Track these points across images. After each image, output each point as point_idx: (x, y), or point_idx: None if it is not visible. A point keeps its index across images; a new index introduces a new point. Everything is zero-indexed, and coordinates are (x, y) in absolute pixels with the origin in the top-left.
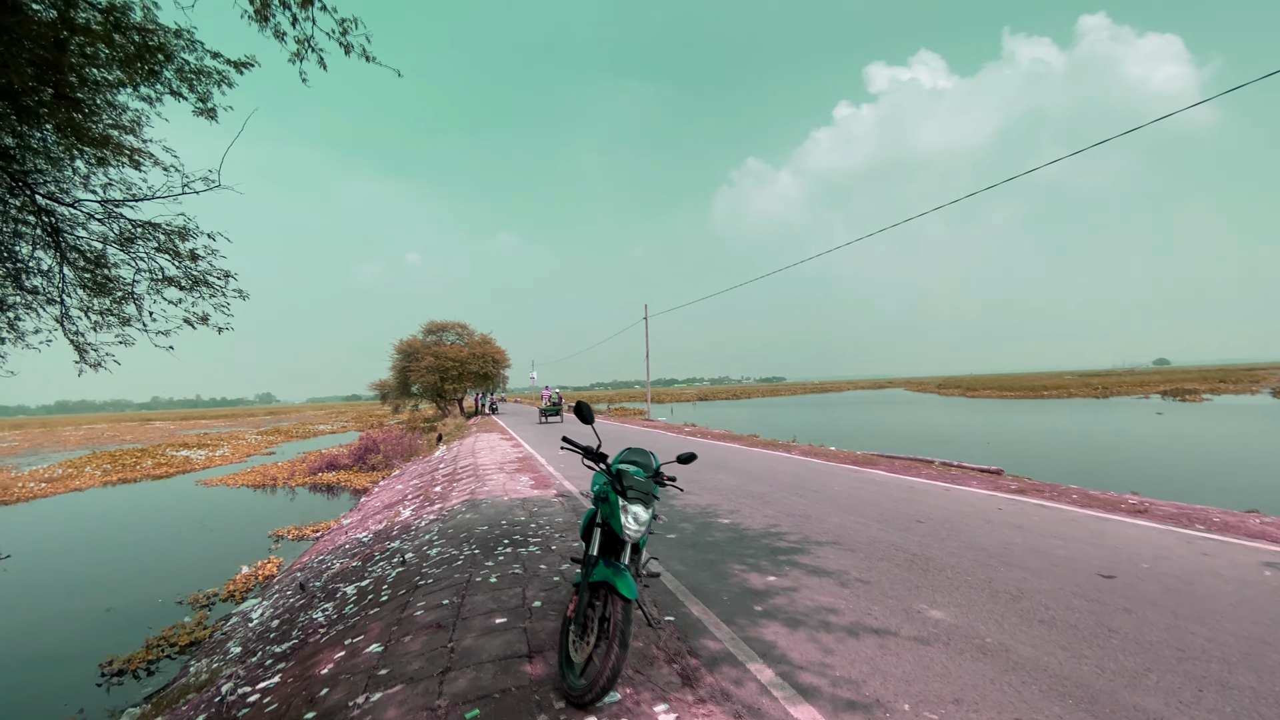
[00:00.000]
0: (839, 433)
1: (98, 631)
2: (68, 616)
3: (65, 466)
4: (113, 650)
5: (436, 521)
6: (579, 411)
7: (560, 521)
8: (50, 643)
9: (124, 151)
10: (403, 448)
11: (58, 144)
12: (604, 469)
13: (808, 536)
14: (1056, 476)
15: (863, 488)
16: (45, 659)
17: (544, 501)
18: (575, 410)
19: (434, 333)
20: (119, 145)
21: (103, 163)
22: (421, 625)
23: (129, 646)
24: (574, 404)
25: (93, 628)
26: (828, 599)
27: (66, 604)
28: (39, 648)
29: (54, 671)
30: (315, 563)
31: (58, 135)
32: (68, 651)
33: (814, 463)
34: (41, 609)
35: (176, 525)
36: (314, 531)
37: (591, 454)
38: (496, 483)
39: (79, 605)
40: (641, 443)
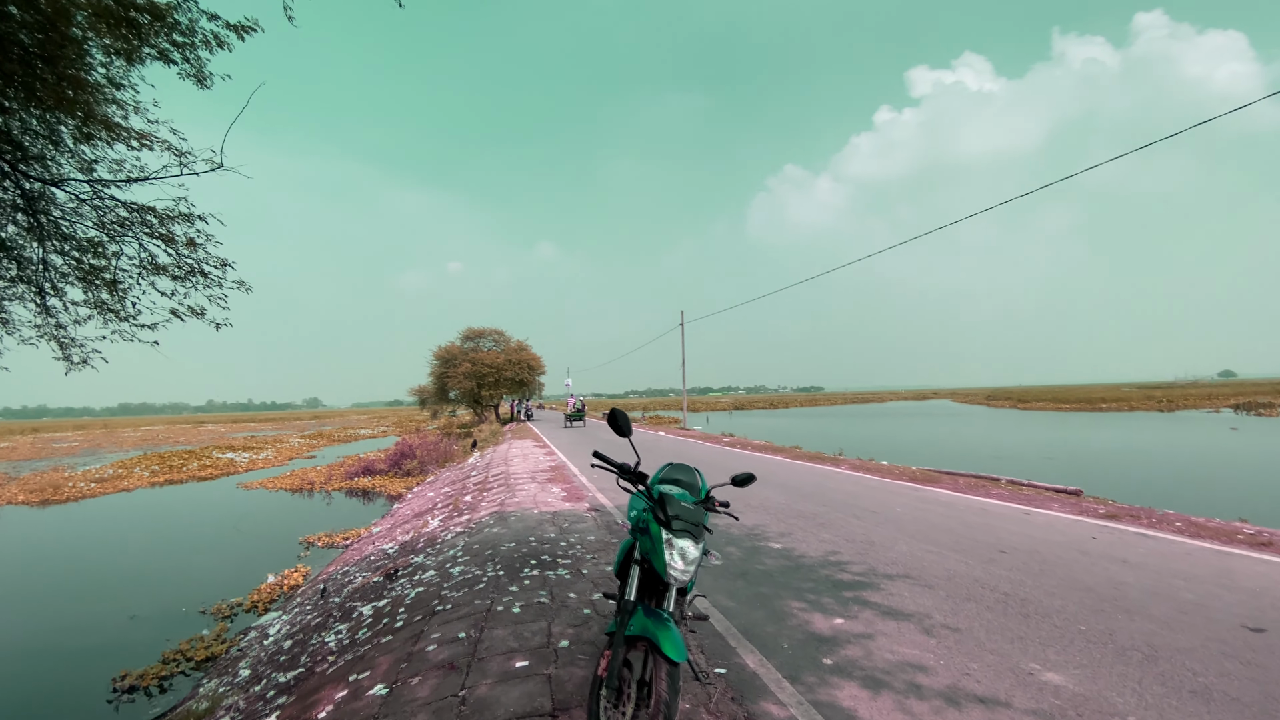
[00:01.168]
0: (888, 446)
1: (118, 640)
2: (92, 622)
3: (116, 467)
4: (129, 662)
5: (463, 535)
6: (613, 421)
7: (592, 540)
8: (70, 651)
9: (111, 126)
10: (438, 453)
11: (27, 106)
12: (643, 492)
13: (874, 568)
14: (1140, 499)
15: (928, 509)
16: (62, 668)
17: (575, 516)
18: (609, 420)
19: (471, 339)
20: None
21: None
22: (433, 664)
23: (146, 659)
24: (608, 412)
25: (114, 636)
26: (912, 651)
27: (93, 608)
28: (59, 656)
29: (67, 683)
30: (339, 574)
31: (24, 95)
32: (85, 661)
33: (868, 479)
34: (68, 614)
35: (212, 528)
36: (344, 539)
37: (628, 473)
38: (527, 494)
39: (105, 610)
40: (678, 455)
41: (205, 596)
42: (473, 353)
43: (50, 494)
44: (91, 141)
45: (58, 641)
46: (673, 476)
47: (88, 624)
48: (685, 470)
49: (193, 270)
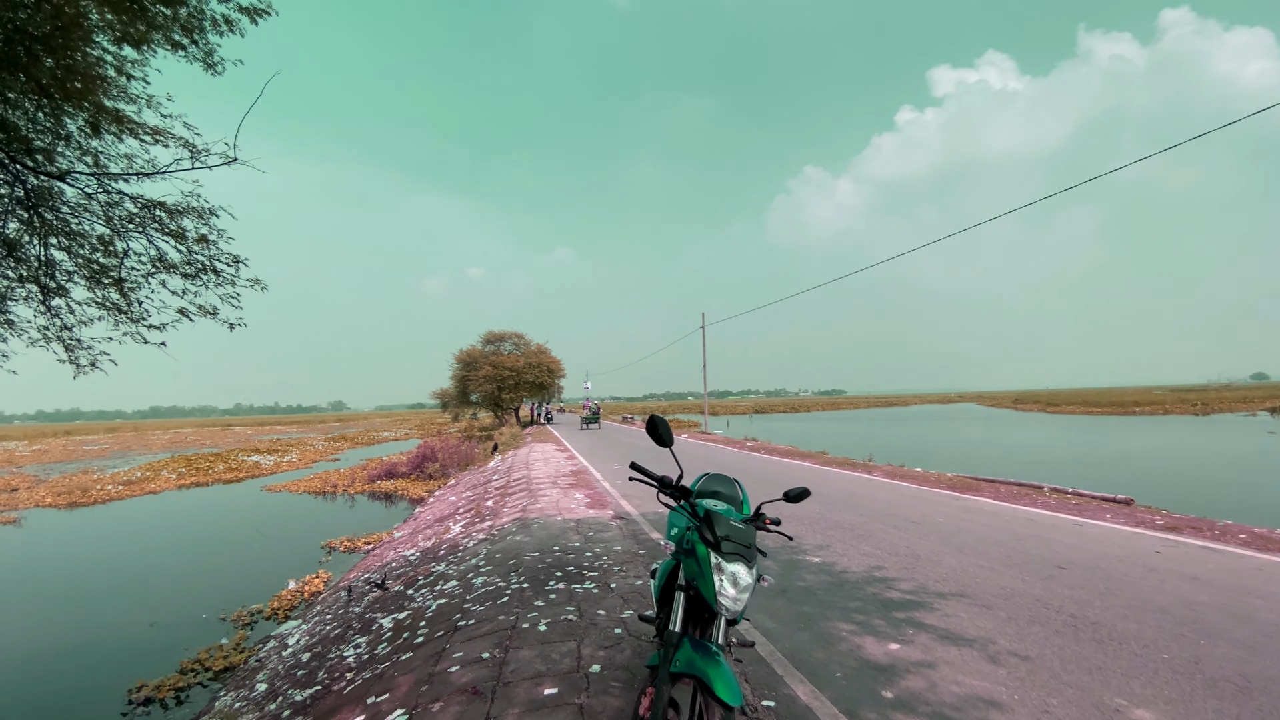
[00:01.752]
0: (917, 451)
1: (137, 648)
2: (112, 629)
3: (144, 469)
4: (147, 671)
5: (485, 542)
6: (653, 430)
7: (619, 551)
8: (89, 659)
9: (122, 120)
10: (459, 457)
11: (34, 98)
12: (688, 509)
13: (924, 585)
14: (1192, 508)
15: (972, 519)
16: (80, 676)
17: (600, 524)
18: (649, 428)
19: (492, 343)
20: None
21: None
22: (456, 687)
23: (164, 668)
24: (647, 419)
25: (133, 643)
26: (980, 683)
27: (114, 614)
28: (78, 663)
29: (84, 693)
30: (359, 581)
31: (31, 86)
32: (102, 670)
33: (903, 486)
34: (90, 620)
35: (236, 532)
36: (365, 544)
37: (670, 487)
38: (550, 499)
39: (126, 616)
40: (701, 460)
41: (226, 602)
42: (493, 356)
43: (78, 497)
44: (101, 135)
45: (77, 648)
46: (711, 489)
47: (108, 630)
48: (724, 481)
49: (204, 268)
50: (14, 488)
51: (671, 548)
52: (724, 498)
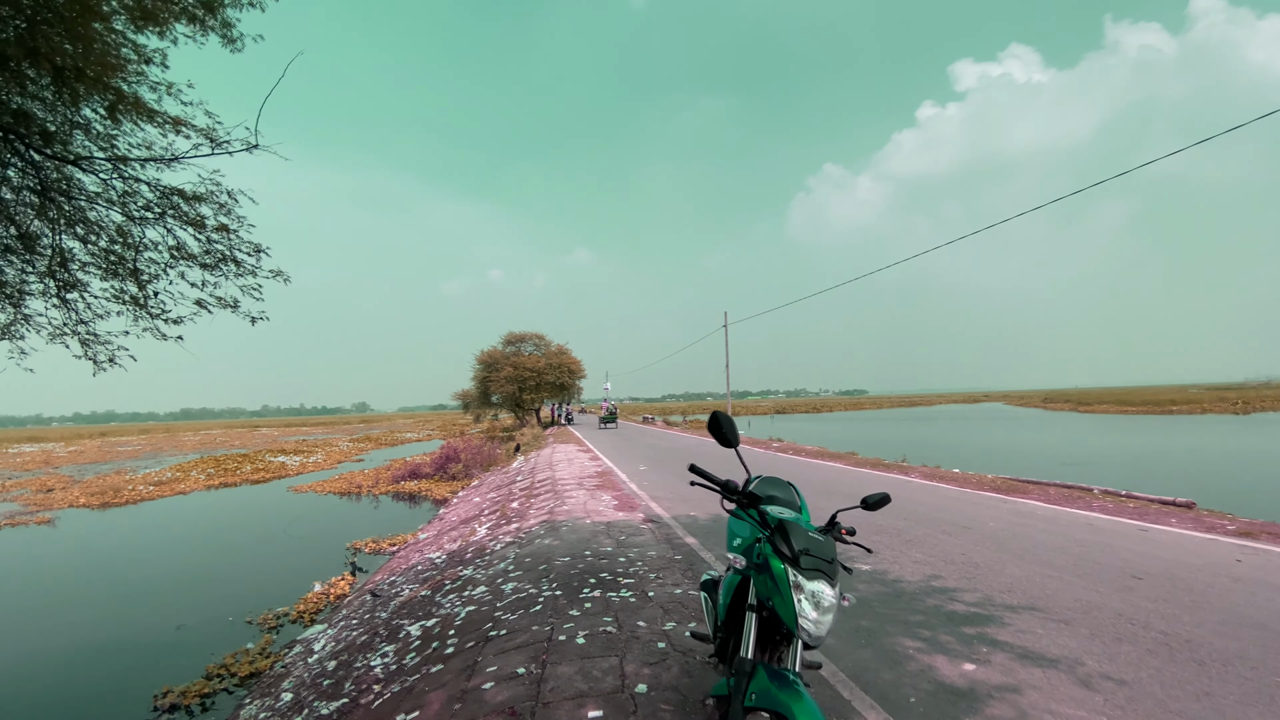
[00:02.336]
0: (950, 451)
1: (164, 652)
2: (140, 632)
3: (174, 470)
4: (173, 677)
5: (513, 545)
6: (716, 428)
7: (654, 557)
8: (116, 664)
9: (141, 107)
10: (482, 457)
11: (52, 85)
12: (756, 518)
13: (989, 596)
14: (1260, 512)
15: (1027, 524)
16: (107, 682)
17: (631, 528)
18: (712, 427)
19: (513, 344)
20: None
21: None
22: (491, 707)
23: (190, 673)
24: (710, 417)
25: (160, 647)
26: (1076, 712)
27: (142, 617)
28: (104, 668)
29: (110, 699)
30: (385, 584)
31: (48, 71)
32: (129, 675)
33: (945, 489)
34: (118, 624)
35: (262, 533)
36: (390, 545)
37: (736, 492)
38: (576, 501)
39: (153, 619)
40: (730, 462)
41: (252, 604)
42: (514, 357)
43: (110, 497)
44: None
45: (105, 651)
46: (765, 493)
47: (136, 633)
48: (779, 485)
49: (224, 257)
50: (50, 488)
51: (741, 562)
52: (780, 503)
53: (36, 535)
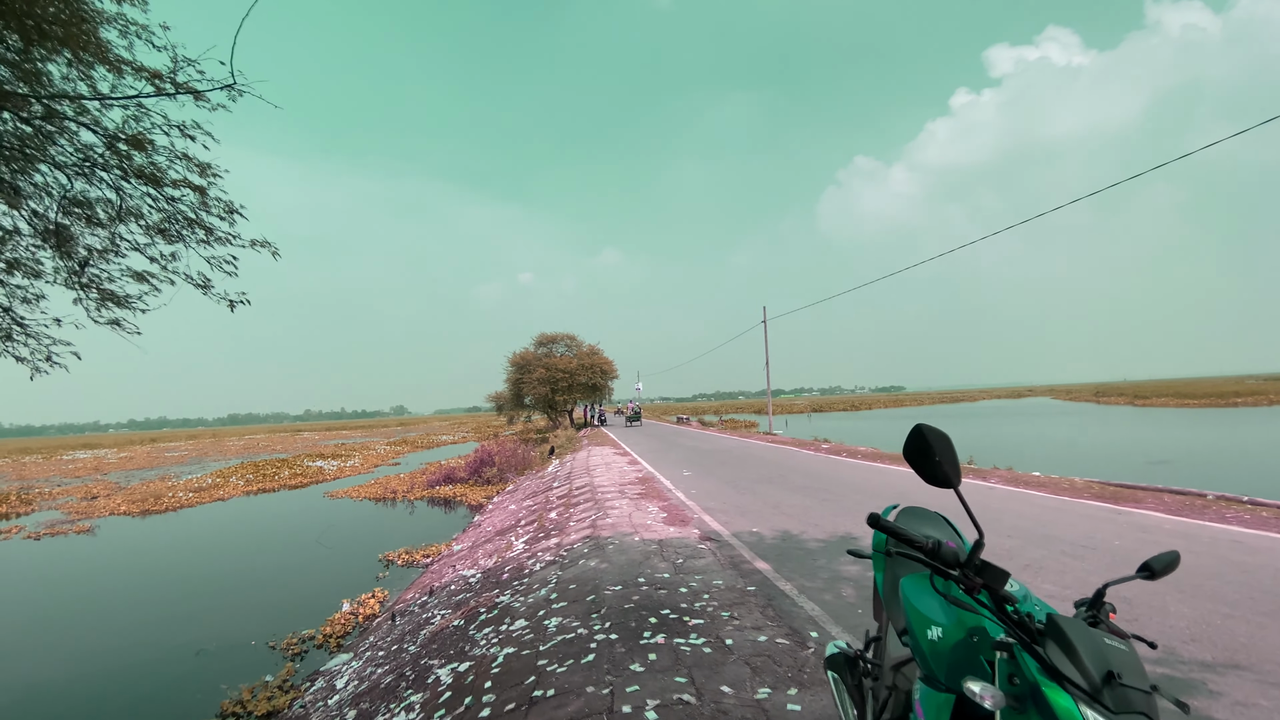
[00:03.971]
0: (1016, 451)
1: (180, 684)
2: (155, 659)
3: (215, 476)
4: (187, 713)
5: (554, 566)
6: (920, 454)
7: (721, 588)
8: (123, 701)
9: (96, 48)
10: (516, 460)
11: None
12: (990, 607)
13: (1170, 649)
14: None
15: (1161, 544)
16: (117, 718)
17: (688, 547)
18: (910, 452)
19: (544, 345)
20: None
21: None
22: None
23: (204, 708)
24: (912, 431)
25: (176, 678)
26: None
27: (161, 640)
28: (117, 703)
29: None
30: (416, 605)
31: None
32: (142, 711)
33: (1037, 497)
34: (135, 649)
35: (294, 542)
36: (424, 556)
37: (958, 565)
38: (620, 512)
39: (175, 641)
40: (776, 466)
41: (278, 626)
42: (546, 358)
43: (151, 504)
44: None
45: (115, 685)
46: (916, 530)
47: (152, 660)
48: (928, 520)
49: (192, 221)
50: (94, 495)
51: (993, 698)
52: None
53: (71, 546)
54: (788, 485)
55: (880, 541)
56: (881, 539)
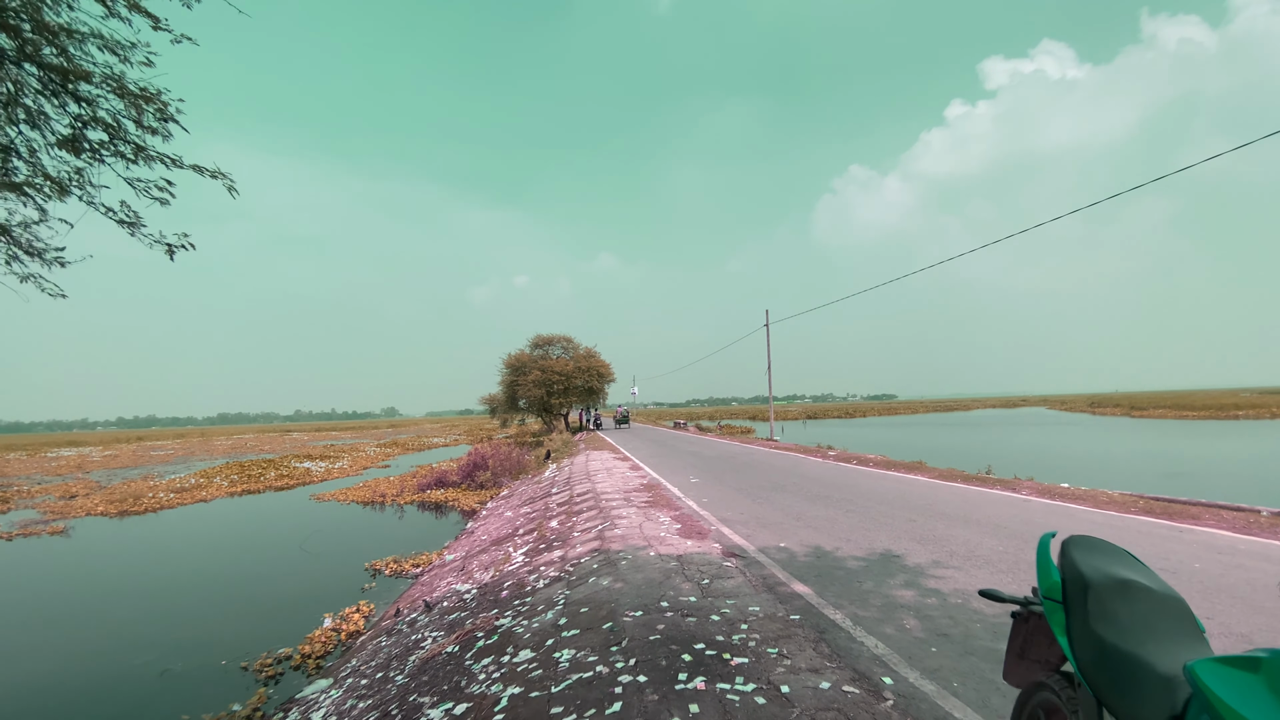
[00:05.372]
0: (1029, 461)
1: (136, 712)
2: (114, 681)
3: (199, 476)
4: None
5: (560, 584)
6: None
7: (759, 616)
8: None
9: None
10: (511, 464)
11: None
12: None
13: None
14: None
15: (1243, 567)
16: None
17: (712, 565)
18: None
19: (540, 346)
20: None
21: None
22: None
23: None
24: None
25: (136, 702)
26: None
27: (123, 658)
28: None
29: None
30: (404, 624)
31: None
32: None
33: (1081, 512)
34: (91, 666)
35: (276, 547)
36: (414, 565)
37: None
38: (630, 522)
39: (137, 659)
40: (788, 473)
41: (252, 643)
42: (542, 360)
43: (130, 505)
44: None
45: (61, 713)
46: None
47: (110, 681)
48: (1119, 559)
49: (111, 128)
50: (73, 494)
51: None
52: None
53: (41, 548)
54: (804, 494)
55: (1052, 585)
56: (1054, 579)
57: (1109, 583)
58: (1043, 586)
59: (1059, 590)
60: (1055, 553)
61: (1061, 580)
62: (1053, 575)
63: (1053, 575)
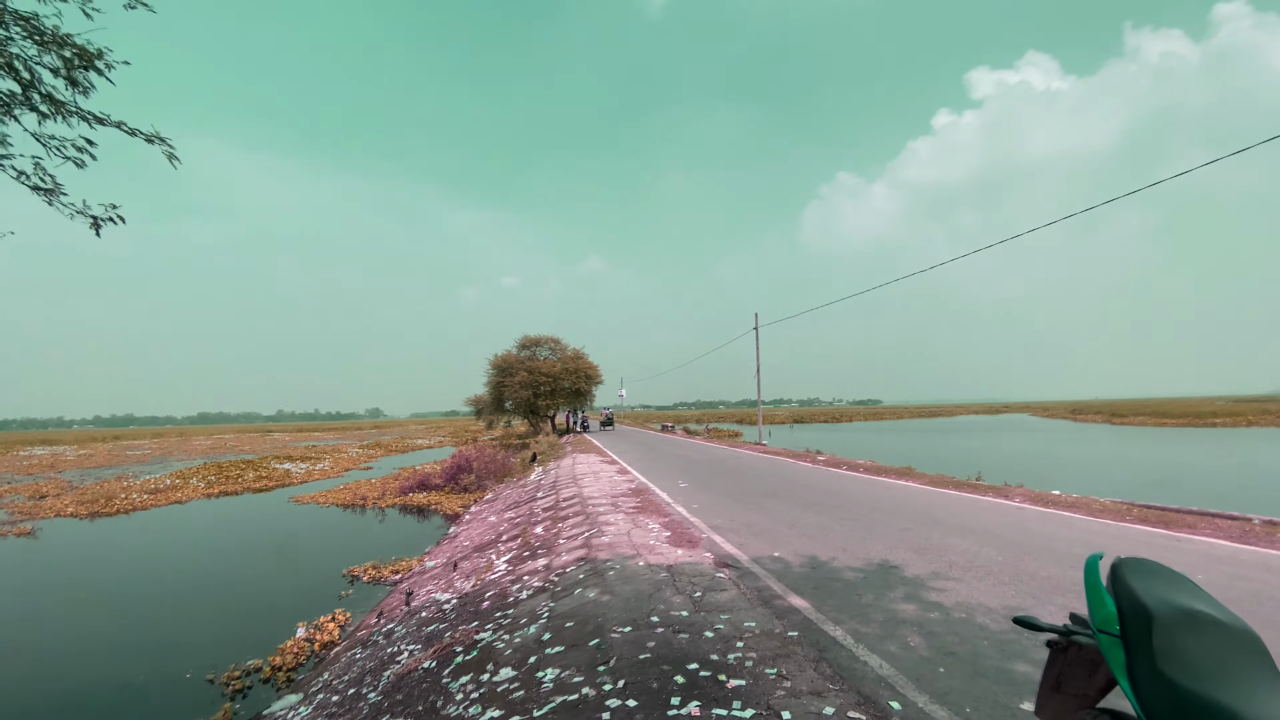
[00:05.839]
0: (1017, 467)
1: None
2: (72, 694)
3: (175, 477)
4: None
5: (544, 595)
6: None
7: (755, 632)
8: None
9: None
10: (496, 467)
11: None
12: None
13: None
14: None
15: (1254, 580)
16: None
17: (704, 576)
18: None
19: (528, 347)
20: None
21: None
22: None
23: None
24: None
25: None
26: None
27: (85, 668)
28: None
29: None
30: (380, 635)
31: None
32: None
33: (1076, 520)
34: (48, 680)
35: (251, 551)
36: (393, 572)
37: None
38: (617, 529)
39: (98, 671)
40: (779, 478)
41: (221, 653)
42: (529, 361)
43: (102, 506)
44: None
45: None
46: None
47: (66, 696)
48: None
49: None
50: (43, 494)
51: None
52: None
53: (3, 550)
54: (797, 501)
55: (1108, 616)
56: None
57: (1174, 614)
58: (1096, 618)
59: (1115, 622)
60: (1104, 575)
61: (1119, 611)
62: (1107, 605)
63: (1107, 605)
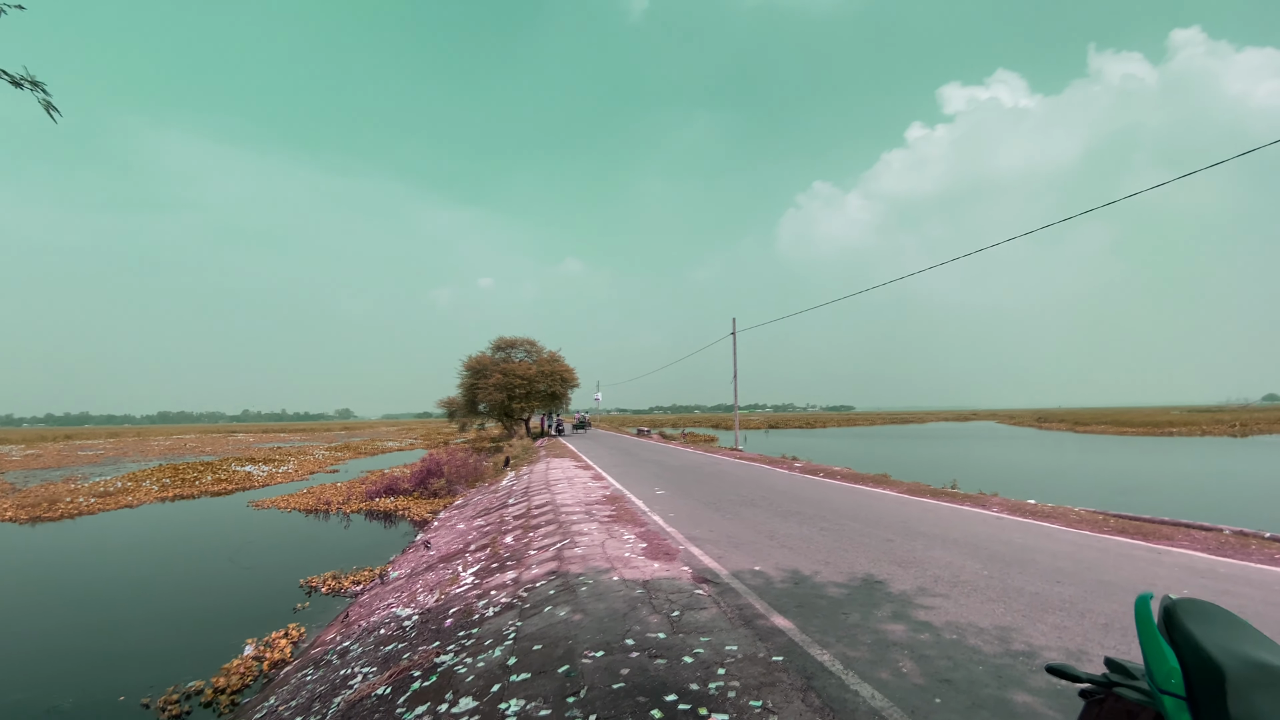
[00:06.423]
0: (988, 474)
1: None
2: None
3: (127, 479)
4: None
5: (511, 613)
6: None
7: (738, 656)
8: None
9: None
10: (467, 471)
11: None
12: None
13: None
14: None
15: (1237, 593)
16: None
17: (682, 593)
18: None
19: (503, 349)
20: None
21: None
22: None
23: None
24: None
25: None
26: None
27: (4, 696)
28: None
29: None
30: (335, 655)
31: None
32: None
33: (1056, 531)
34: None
35: (204, 560)
36: (354, 583)
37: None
38: (591, 540)
39: (19, 694)
40: (756, 485)
41: (161, 670)
42: (504, 363)
43: (44, 510)
44: None
45: None
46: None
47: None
48: (1241, 632)
49: None
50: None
51: None
52: None
53: None
54: (775, 509)
55: (1170, 672)
56: (1171, 663)
57: (1247, 671)
58: (1157, 675)
59: (1180, 679)
60: (1156, 617)
61: (1182, 666)
62: (1168, 660)
63: (1168, 660)
